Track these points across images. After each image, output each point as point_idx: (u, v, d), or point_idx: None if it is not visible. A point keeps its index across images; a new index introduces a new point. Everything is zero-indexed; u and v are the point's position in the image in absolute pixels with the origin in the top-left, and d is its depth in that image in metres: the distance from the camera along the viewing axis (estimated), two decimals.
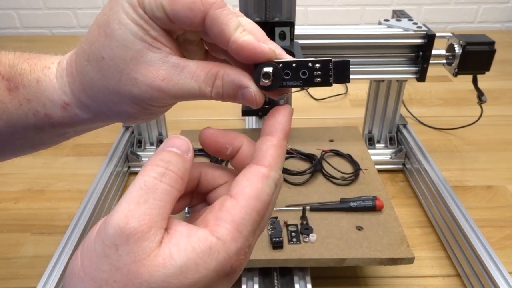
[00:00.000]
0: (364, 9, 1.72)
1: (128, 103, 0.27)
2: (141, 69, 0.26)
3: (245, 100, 0.27)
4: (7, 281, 0.65)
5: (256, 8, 0.74)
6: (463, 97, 1.20)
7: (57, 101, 0.30)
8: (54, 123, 0.30)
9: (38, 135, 0.31)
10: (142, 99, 0.27)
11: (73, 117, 0.30)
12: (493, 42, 0.74)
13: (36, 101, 0.30)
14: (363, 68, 0.78)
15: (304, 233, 0.59)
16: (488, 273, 0.58)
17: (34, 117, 0.30)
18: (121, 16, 0.26)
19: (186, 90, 0.26)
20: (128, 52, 0.26)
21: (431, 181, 0.75)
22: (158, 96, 0.26)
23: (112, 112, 0.29)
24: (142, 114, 0.29)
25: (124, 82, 0.26)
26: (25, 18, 1.73)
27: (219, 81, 0.27)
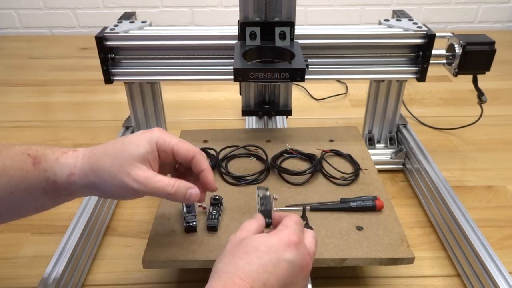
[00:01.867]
0: (364, 9, 1.72)
1: (119, 184, 0.45)
2: (136, 170, 0.45)
3: (191, 197, 0.48)
4: (7, 281, 0.65)
5: (256, 8, 0.74)
6: (463, 97, 1.20)
7: (66, 171, 0.45)
8: (57, 187, 0.45)
9: (42, 197, 0.45)
10: (128, 185, 0.44)
11: (71, 184, 0.45)
12: (493, 42, 0.74)
13: (50, 171, 0.44)
14: (363, 68, 0.78)
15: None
16: (488, 273, 0.58)
17: (45, 182, 0.44)
18: (140, 142, 0.46)
19: (158, 186, 0.45)
20: (134, 161, 0.45)
21: (431, 181, 0.75)
22: (138, 187, 0.45)
23: (103, 185, 0.45)
24: (122, 191, 0.45)
25: (123, 172, 0.45)
26: (25, 18, 1.73)
27: (177, 184, 0.46)
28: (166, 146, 0.47)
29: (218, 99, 1.21)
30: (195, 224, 0.60)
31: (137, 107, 0.87)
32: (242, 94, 0.88)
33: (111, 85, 0.80)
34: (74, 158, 0.45)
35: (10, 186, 0.43)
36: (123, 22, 0.80)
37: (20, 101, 1.21)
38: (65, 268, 0.59)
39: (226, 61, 0.77)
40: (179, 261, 0.56)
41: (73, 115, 1.14)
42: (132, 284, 0.65)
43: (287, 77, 0.65)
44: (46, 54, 1.55)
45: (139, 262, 0.56)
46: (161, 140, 0.47)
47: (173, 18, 1.73)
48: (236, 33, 0.75)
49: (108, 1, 1.69)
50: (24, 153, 0.44)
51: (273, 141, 0.80)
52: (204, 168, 0.49)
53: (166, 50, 0.77)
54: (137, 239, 0.73)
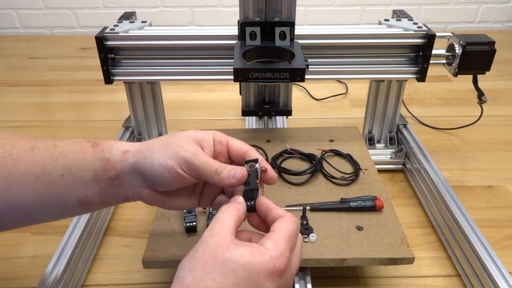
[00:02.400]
0: (364, 9, 1.72)
1: (169, 154, 0.43)
2: (189, 144, 0.44)
3: (235, 174, 0.44)
4: (7, 281, 0.65)
5: (256, 8, 0.74)
6: (463, 97, 1.20)
7: (122, 148, 0.45)
8: (108, 167, 0.44)
9: (90, 183, 0.44)
10: (178, 154, 0.43)
11: (124, 161, 0.44)
12: (493, 42, 0.74)
13: (107, 151, 0.45)
14: (363, 68, 0.78)
15: (304, 233, 0.59)
16: (488, 273, 0.58)
17: (99, 162, 0.44)
18: (199, 131, 0.47)
19: (207, 160, 0.44)
20: (190, 140, 0.45)
21: (431, 181, 0.75)
22: (188, 156, 0.43)
23: (153, 158, 0.44)
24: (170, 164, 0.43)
25: (177, 144, 0.44)
26: (25, 18, 1.73)
27: (224, 165, 0.44)
28: (222, 138, 0.47)
29: (218, 99, 1.21)
30: (195, 224, 0.60)
31: (137, 107, 0.87)
32: (242, 94, 0.88)
33: (111, 85, 0.80)
34: (137, 143, 0.46)
35: (63, 168, 0.43)
36: (123, 22, 0.80)
37: (20, 101, 1.21)
38: (65, 268, 0.59)
39: (226, 61, 0.77)
40: (179, 261, 0.56)
41: (73, 115, 1.14)
42: (132, 284, 0.65)
43: (287, 77, 0.65)
44: (46, 54, 1.55)
45: (139, 262, 0.56)
46: (217, 134, 0.47)
47: (173, 18, 1.73)
48: (236, 33, 0.75)
49: (108, 1, 1.69)
50: (85, 140, 0.46)
51: (273, 141, 0.80)
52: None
53: (166, 50, 0.77)
54: (137, 239, 0.73)
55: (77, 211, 0.46)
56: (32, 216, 0.45)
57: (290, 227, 0.40)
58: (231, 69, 0.65)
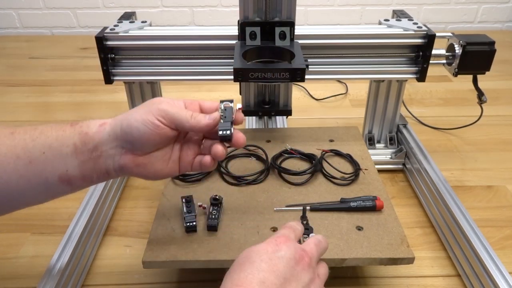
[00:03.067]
0: (364, 9, 1.72)
1: (148, 109, 0.46)
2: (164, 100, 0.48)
3: (212, 115, 0.48)
4: (7, 281, 0.65)
5: (256, 8, 0.74)
6: (463, 97, 1.20)
7: (99, 122, 0.47)
8: (86, 140, 0.46)
9: (70, 158, 0.46)
10: (157, 107, 0.46)
11: (101, 132, 0.46)
12: (493, 42, 0.74)
13: (85, 126, 0.47)
14: (363, 68, 0.78)
15: (304, 233, 0.59)
16: (488, 273, 0.58)
17: (78, 136, 0.46)
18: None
19: (178, 112, 0.47)
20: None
21: (431, 181, 0.75)
22: (165, 106, 0.47)
23: (132, 117, 0.46)
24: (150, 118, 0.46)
25: (155, 101, 0.48)
26: (25, 18, 1.73)
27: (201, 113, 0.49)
28: (193, 101, 0.51)
29: (218, 99, 1.21)
30: (195, 224, 0.60)
31: None
32: (242, 94, 0.88)
33: (111, 85, 0.80)
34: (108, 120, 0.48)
35: (43, 146, 0.45)
36: (123, 22, 0.80)
37: (20, 101, 1.21)
38: (65, 268, 0.59)
39: (226, 61, 0.77)
40: (179, 261, 0.56)
41: (73, 115, 1.14)
42: (132, 284, 0.65)
43: (287, 77, 0.65)
44: (46, 54, 1.55)
45: (139, 262, 0.56)
46: (187, 99, 0.51)
47: (173, 18, 1.73)
48: (236, 33, 0.75)
49: (108, 1, 1.69)
50: (66, 122, 0.48)
51: (273, 141, 0.80)
52: None
53: (166, 50, 0.77)
54: (137, 239, 0.73)
55: (58, 189, 0.47)
56: (15, 197, 0.46)
57: (288, 223, 0.49)
58: (231, 69, 0.65)
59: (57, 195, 0.49)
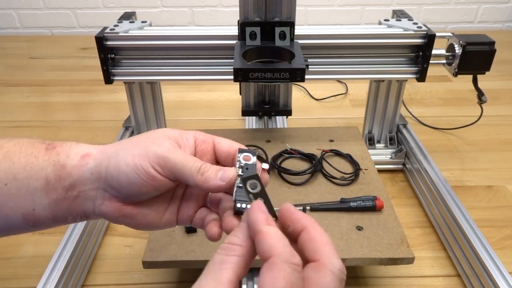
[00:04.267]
0: (364, 9, 1.72)
1: (139, 152, 0.35)
2: (164, 140, 0.36)
3: (225, 175, 0.35)
4: (7, 281, 0.65)
5: (256, 8, 0.74)
6: (463, 97, 1.20)
7: (82, 151, 0.37)
8: (62, 175, 0.36)
9: (38, 193, 0.36)
10: (149, 151, 0.35)
11: (81, 167, 0.36)
12: (493, 42, 0.74)
13: (63, 154, 0.36)
14: (363, 68, 0.78)
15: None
16: (488, 273, 0.58)
17: (52, 167, 0.36)
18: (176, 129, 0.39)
19: (184, 157, 0.35)
20: (165, 137, 0.37)
21: (431, 181, 0.75)
22: (162, 151, 0.35)
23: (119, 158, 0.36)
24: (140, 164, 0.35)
25: (149, 141, 0.36)
26: (25, 18, 1.73)
27: (209, 164, 0.36)
28: (206, 137, 0.39)
29: (218, 99, 1.21)
30: None
31: (137, 107, 0.87)
32: (242, 94, 0.88)
33: (111, 85, 0.80)
34: (100, 146, 0.38)
35: (6, 175, 0.35)
36: (123, 22, 0.80)
37: (20, 101, 1.21)
38: (65, 268, 0.59)
39: (226, 61, 0.77)
40: (179, 261, 0.56)
41: (73, 115, 1.14)
42: (132, 284, 0.65)
43: (287, 77, 0.65)
44: (46, 54, 1.55)
45: (139, 262, 0.56)
46: (200, 133, 0.40)
47: (173, 18, 1.73)
48: (236, 33, 0.75)
49: (108, 1, 1.69)
50: (39, 141, 0.38)
51: (273, 141, 0.80)
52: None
53: (166, 50, 0.77)
54: (137, 239, 0.73)
55: (22, 228, 0.37)
56: None
57: (279, 282, 0.25)
58: (231, 69, 0.65)
59: (20, 232, 0.38)
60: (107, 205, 0.37)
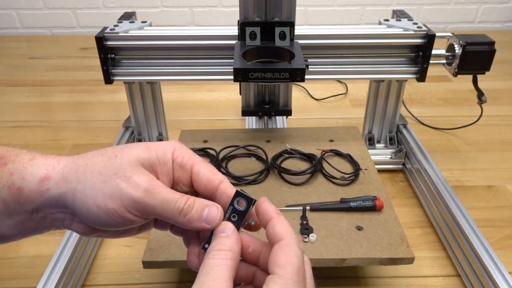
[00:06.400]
0: (364, 9, 1.72)
1: (110, 192, 0.32)
2: (139, 174, 0.33)
3: (210, 216, 0.34)
4: (7, 281, 0.65)
5: (256, 8, 0.74)
6: (463, 97, 1.20)
7: (39, 173, 0.33)
8: (21, 199, 0.32)
9: (3, 214, 0.33)
10: (124, 192, 0.32)
11: (42, 193, 0.33)
12: (493, 42, 0.74)
13: (17, 174, 0.33)
14: (363, 68, 0.78)
15: (304, 233, 0.59)
16: (488, 273, 0.58)
17: (7, 190, 0.32)
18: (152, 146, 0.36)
19: (167, 197, 0.33)
20: (139, 165, 0.34)
21: (431, 181, 0.75)
22: (139, 195, 0.32)
23: (86, 195, 0.32)
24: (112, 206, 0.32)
25: (121, 175, 0.33)
26: (25, 18, 1.73)
27: (191, 200, 0.34)
28: (185, 160, 0.36)
29: (218, 99, 1.21)
30: None
31: (137, 107, 0.87)
32: (242, 94, 0.88)
33: (111, 85, 0.80)
34: (56, 160, 0.34)
35: None
36: (123, 22, 0.80)
37: (20, 101, 1.21)
38: (65, 268, 0.59)
39: (226, 61, 0.77)
40: (179, 261, 0.56)
41: (73, 115, 1.14)
42: (132, 284, 0.65)
43: (287, 77, 0.65)
44: (46, 54, 1.55)
45: (139, 262, 0.56)
46: (179, 152, 0.36)
47: (173, 18, 1.73)
48: (236, 33, 0.75)
49: (108, 1, 1.69)
50: None
51: (273, 141, 0.80)
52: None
53: (166, 50, 0.77)
54: (137, 239, 0.73)
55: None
56: None
57: (293, 260, 0.30)
58: (231, 69, 0.65)
59: None
60: (77, 226, 0.35)
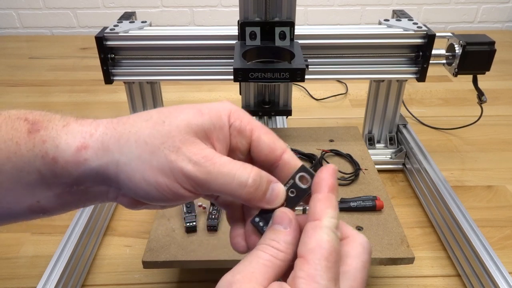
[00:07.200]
0: (364, 9, 1.72)
1: (159, 164, 0.28)
2: (191, 145, 0.29)
3: (273, 194, 0.30)
4: (7, 281, 0.65)
5: (256, 8, 0.74)
6: (463, 97, 1.20)
7: (75, 142, 0.29)
8: (57, 170, 0.29)
9: (38, 188, 0.30)
10: (175, 166, 0.28)
11: (80, 164, 0.29)
12: (493, 42, 0.74)
13: (51, 142, 0.29)
14: (363, 68, 0.78)
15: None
16: (488, 273, 0.58)
17: (41, 160, 0.29)
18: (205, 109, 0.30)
19: (225, 170, 0.28)
20: (190, 133, 0.29)
21: (431, 181, 0.75)
22: (192, 169, 0.28)
23: (132, 168, 0.29)
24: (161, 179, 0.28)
25: (169, 145, 0.28)
26: (25, 18, 1.73)
27: (255, 173, 0.29)
28: (243, 124, 0.31)
29: (218, 99, 1.21)
30: (195, 224, 0.60)
31: (137, 107, 0.87)
32: (242, 94, 0.88)
33: (111, 85, 0.80)
34: (93, 125, 0.30)
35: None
36: (123, 22, 0.80)
37: (20, 101, 1.21)
38: (65, 268, 0.59)
39: (226, 61, 0.77)
40: (179, 261, 0.56)
41: (73, 115, 1.14)
42: (132, 284, 0.65)
43: (287, 77, 0.65)
44: (46, 54, 1.55)
45: (139, 262, 0.56)
46: (236, 114, 0.31)
47: (173, 18, 1.73)
48: (236, 33, 0.75)
49: (108, 1, 1.69)
50: (20, 117, 0.31)
51: None
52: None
53: (166, 50, 0.77)
54: (137, 239, 0.73)
55: (31, 218, 0.32)
56: None
57: (324, 244, 0.26)
58: (231, 69, 0.65)
59: (29, 219, 0.33)
60: (122, 199, 0.31)
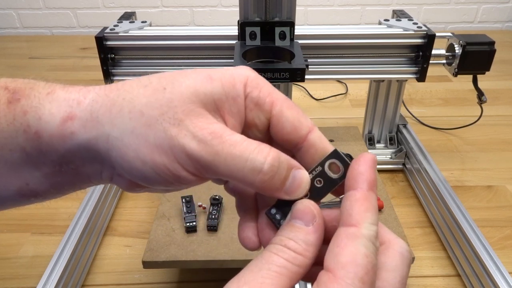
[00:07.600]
0: (364, 9, 1.72)
1: (157, 140, 0.23)
2: (196, 118, 0.24)
3: (295, 183, 0.25)
4: (7, 281, 0.65)
5: (256, 8, 0.74)
6: (463, 97, 1.20)
7: (59, 113, 0.25)
8: (42, 147, 0.25)
9: (24, 167, 0.26)
10: (176, 142, 0.23)
11: (66, 137, 0.24)
12: (493, 42, 0.74)
13: (33, 114, 0.25)
14: (363, 68, 0.78)
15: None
16: (488, 273, 0.58)
17: (24, 135, 0.25)
18: (216, 74, 0.25)
19: (237, 151, 0.23)
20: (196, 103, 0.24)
21: (431, 181, 0.75)
22: (196, 148, 0.23)
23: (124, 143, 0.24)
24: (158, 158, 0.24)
25: (170, 117, 0.23)
26: (25, 18, 1.73)
27: (273, 157, 0.23)
28: (262, 96, 0.25)
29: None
30: (195, 224, 0.60)
31: None
32: None
33: None
34: (82, 92, 0.26)
35: None
36: (123, 22, 0.80)
37: None
38: (65, 268, 0.59)
39: (226, 61, 0.77)
40: (179, 261, 0.56)
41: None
42: (132, 284, 0.65)
43: (287, 77, 0.65)
44: (46, 54, 1.55)
45: (139, 262, 0.56)
46: (254, 83, 0.25)
47: (173, 18, 1.73)
48: (236, 33, 0.75)
49: (108, 1, 1.69)
50: (1, 86, 0.27)
51: None
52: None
53: (166, 50, 0.77)
54: (137, 239, 0.73)
55: (22, 202, 0.29)
56: None
57: (360, 260, 0.21)
58: None
59: (21, 205, 0.29)
60: (118, 179, 0.27)
